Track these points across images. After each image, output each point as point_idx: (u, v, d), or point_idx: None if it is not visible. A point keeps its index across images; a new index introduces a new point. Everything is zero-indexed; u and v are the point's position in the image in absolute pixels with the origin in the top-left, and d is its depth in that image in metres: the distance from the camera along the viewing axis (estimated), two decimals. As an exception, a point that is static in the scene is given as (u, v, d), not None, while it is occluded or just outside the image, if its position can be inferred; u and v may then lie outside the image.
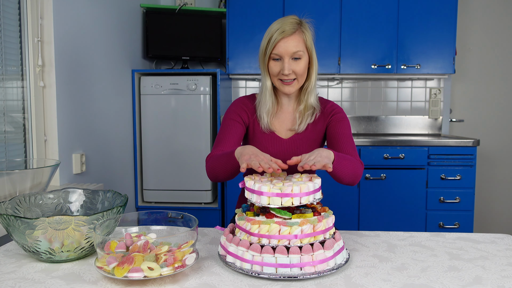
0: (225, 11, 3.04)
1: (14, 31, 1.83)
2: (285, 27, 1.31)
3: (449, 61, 3.00)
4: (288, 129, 1.45)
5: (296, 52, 1.32)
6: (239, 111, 1.45)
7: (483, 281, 0.91)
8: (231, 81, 3.41)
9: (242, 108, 1.45)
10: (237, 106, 1.46)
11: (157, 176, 2.90)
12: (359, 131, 3.39)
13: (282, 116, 1.46)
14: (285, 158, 1.41)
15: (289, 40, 1.31)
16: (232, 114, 1.44)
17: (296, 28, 1.33)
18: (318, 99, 1.47)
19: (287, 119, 1.46)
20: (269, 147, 1.43)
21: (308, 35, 1.35)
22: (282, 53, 1.32)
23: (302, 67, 1.35)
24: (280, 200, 0.95)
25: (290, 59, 1.33)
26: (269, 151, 1.42)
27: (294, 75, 1.35)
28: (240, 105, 1.46)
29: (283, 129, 1.45)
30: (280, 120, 1.46)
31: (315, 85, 1.41)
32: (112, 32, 2.53)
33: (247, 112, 1.45)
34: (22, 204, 1.10)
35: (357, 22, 3.00)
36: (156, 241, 0.95)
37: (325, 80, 3.38)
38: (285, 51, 1.32)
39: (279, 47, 1.32)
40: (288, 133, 1.45)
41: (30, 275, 0.93)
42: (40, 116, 1.92)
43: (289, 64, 1.33)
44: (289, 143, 1.44)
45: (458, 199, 2.75)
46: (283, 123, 1.46)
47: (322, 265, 0.92)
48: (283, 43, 1.31)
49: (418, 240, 1.18)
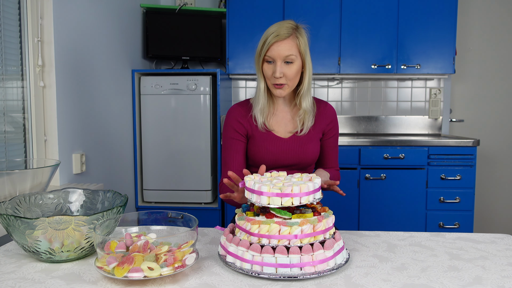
0: (225, 11, 3.04)
1: (14, 31, 1.83)
2: (280, 31, 1.35)
3: (449, 61, 3.00)
4: (287, 131, 1.49)
5: (288, 56, 1.35)
6: (234, 125, 1.49)
7: (483, 281, 0.91)
8: (231, 81, 3.41)
9: (236, 119, 1.49)
10: (231, 120, 1.50)
11: (157, 176, 2.90)
12: (359, 131, 3.39)
13: (279, 116, 1.50)
14: (286, 157, 1.46)
15: (282, 44, 1.35)
16: (229, 132, 1.49)
17: (291, 33, 1.36)
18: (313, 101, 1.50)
19: (285, 119, 1.50)
20: (268, 146, 1.46)
21: (302, 41, 1.38)
22: (274, 56, 1.36)
23: (294, 71, 1.38)
24: (280, 200, 0.95)
25: (282, 63, 1.37)
26: (268, 150, 1.45)
27: (284, 80, 1.38)
28: (234, 117, 1.50)
29: (281, 130, 1.48)
30: (278, 120, 1.49)
31: (308, 89, 1.45)
32: (112, 32, 2.53)
33: (242, 122, 1.49)
34: (22, 204, 1.10)
35: (357, 22, 3.00)
36: (156, 241, 0.95)
37: (325, 80, 3.38)
38: (278, 54, 1.35)
39: (272, 50, 1.36)
40: (287, 134, 1.49)
41: (30, 275, 0.93)
42: (40, 116, 1.92)
43: (281, 68, 1.36)
44: (289, 142, 1.47)
45: (458, 199, 2.75)
46: (282, 123, 1.49)
47: (322, 265, 0.92)
48: (276, 47, 1.35)
49: (418, 240, 1.18)
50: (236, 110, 1.51)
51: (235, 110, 1.51)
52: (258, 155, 1.47)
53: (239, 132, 1.48)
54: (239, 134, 1.48)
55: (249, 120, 1.48)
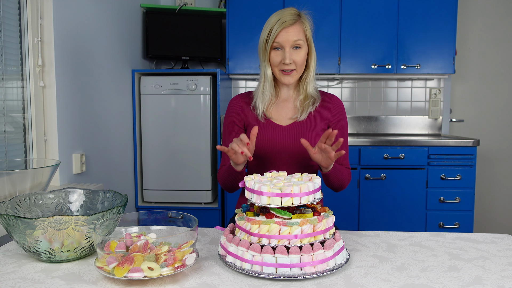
0: (225, 11, 3.04)
1: (14, 31, 1.83)
2: (285, 18, 1.36)
3: (449, 61, 3.00)
4: (288, 118, 1.46)
5: (297, 41, 1.36)
6: (233, 117, 1.49)
7: (483, 281, 0.91)
8: (231, 81, 3.41)
9: (235, 110, 1.49)
10: (231, 112, 1.50)
11: (157, 176, 2.90)
12: (359, 131, 3.39)
13: (280, 105, 1.48)
14: (284, 144, 1.42)
15: (290, 30, 1.36)
16: (229, 124, 1.50)
17: (296, 19, 1.37)
18: (317, 89, 1.49)
19: (286, 107, 1.48)
20: (267, 134, 1.43)
21: (307, 26, 1.40)
22: (283, 42, 1.36)
23: (302, 56, 1.39)
24: (280, 200, 0.95)
25: (290, 49, 1.37)
26: (267, 138, 1.42)
27: (294, 65, 1.39)
28: (234, 109, 1.50)
29: (282, 117, 1.46)
30: (279, 109, 1.47)
31: (313, 75, 1.46)
32: (112, 32, 2.53)
33: (240, 112, 1.48)
34: (22, 204, 1.10)
35: (357, 22, 3.00)
36: (156, 241, 0.95)
37: (325, 80, 3.38)
38: (287, 40, 1.36)
39: (281, 36, 1.36)
40: (288, 121, 1.46)
41: (30, 275, 0.93)
42: (40, 116, 1.92)
43: (290, 54, 1.37)
44: (288, 129, 1.44)
45: (458, 199, 2.75)
46: (282, 112, 1.47)
47: (322, 265, 0.92)
48: (285, 33, 1.36)
49: (418, 240, 1.18)
50: (237, 101, 1.51)
51: (236, 101, 1.51)
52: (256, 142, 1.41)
53: (238, 125, 1.48)
54: (238, 127, 1.48)
55: (249, 111, 1.47)
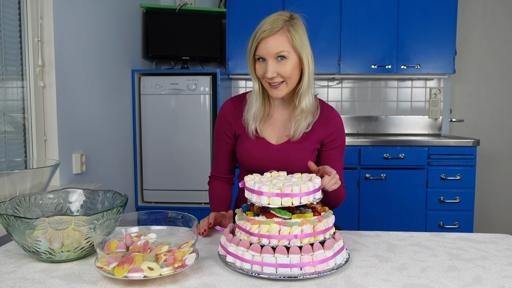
0: (225, 11, 3.04)
1: (14, 31, 1.83)
2: (266, 27, 1.21)
3: (449, 61, 3.00)
4: (280, 135, 1.36)
5: (280, 52, 1.21)
6: (223, 125, 1.41)
7: (483, 281, 0.91)
8: (231, 81, 3.41)
9: (225, 119, 1.40)
10: (221, 120, 1.41)
11: (157, 176, 2.90)
12: (359, 131, 3.39)
13: (274, 119, 1.37)
14: (273, 165, 1.33)
15: (270, 40, 1.20)
16: (218, 132, 1.43)
17: (281, 26, 1.21)
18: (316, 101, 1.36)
19: (280, 122, 1.36)
20: (255, 153, 1.34)
21: (294, 34, 1.22)
22: (264, 54, 1.22)
23: (288, 68, 1.23)
24: (280, 200, 0.95)
25: (274, 60, 1.22)
26: (255, 157, 1.34)
27: (281, 78, 1.24)
28: (224, 116, 1.41)
29: (274, 134, 1.36)
30: (272, 124, 1.37)
31: (309, 86, 1.28)
32: (112, 32, 2.53)
33: (231, 122, 1.39)
34: (22, 204, 1.10)
35: (357, 22, 3.00)
36: (156, 241, 0.95)
37: (325, 80, 3.38)
38: (267, 52, 1.22)
39: (261, 48, 1.22)
40: (280, 139, 1.35)
41: (30, 275, 0.93)
42: (40, 116, 1.92)
43: (273, 66, 1.22)
44: (279, 149, 1.34)
45: (458, 199, 2.75)
46: (275, 128, 1.36)
47: (322, 265, 0.92)
48: (264, 44, 1.21)
49: (418, 240, 1.18)
50: (228, 107, 1.41)
51: (227, 108, 1.41)
52: (243, 158, 1.37)
53: (228, 134, 1.41)
54: (227, 136, 1.41)
55: (240, 122, 1.37)
